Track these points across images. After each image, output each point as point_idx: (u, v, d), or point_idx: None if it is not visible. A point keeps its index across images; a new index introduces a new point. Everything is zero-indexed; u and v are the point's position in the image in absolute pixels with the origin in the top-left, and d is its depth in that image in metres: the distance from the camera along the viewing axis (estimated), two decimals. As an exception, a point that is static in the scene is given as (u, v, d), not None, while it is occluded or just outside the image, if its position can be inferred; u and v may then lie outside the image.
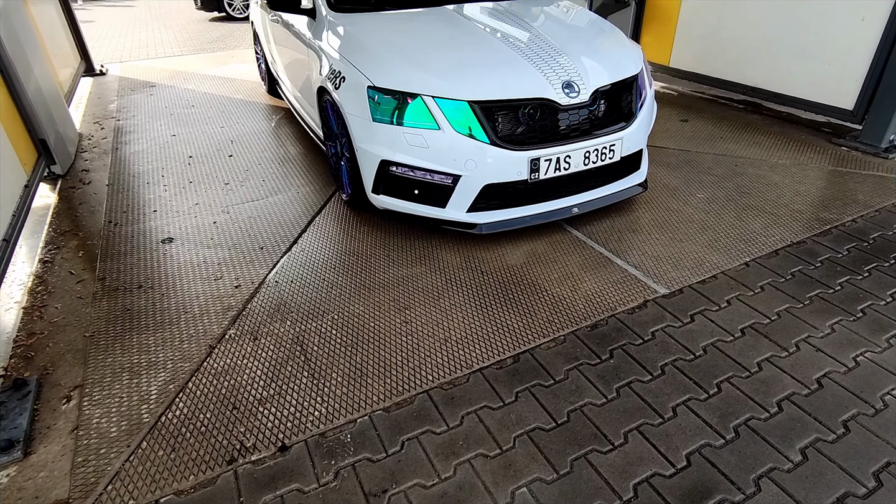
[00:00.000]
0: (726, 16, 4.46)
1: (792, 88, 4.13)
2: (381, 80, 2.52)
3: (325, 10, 3.11)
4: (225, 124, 4.54)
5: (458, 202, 2.57)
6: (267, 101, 5.15)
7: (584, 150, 2.57)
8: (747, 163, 3.54)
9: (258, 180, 3.51)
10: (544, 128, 2.51)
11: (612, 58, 2.79)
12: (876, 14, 3.52)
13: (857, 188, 3.17)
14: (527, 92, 2.45)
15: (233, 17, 10.40)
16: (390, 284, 2.45)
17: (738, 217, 2.91)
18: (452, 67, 2.55)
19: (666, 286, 2.38)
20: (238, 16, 10.42)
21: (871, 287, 2.35)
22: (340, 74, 2.71)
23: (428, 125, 2.45)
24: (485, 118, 2.43)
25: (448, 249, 2.70)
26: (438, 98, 2.43)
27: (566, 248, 2.68)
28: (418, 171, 2.54)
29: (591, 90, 2.55)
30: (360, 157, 2.68)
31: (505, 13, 3.15)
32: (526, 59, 2.58)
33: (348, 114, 2.65)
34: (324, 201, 3.21)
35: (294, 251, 2.73)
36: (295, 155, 3.89)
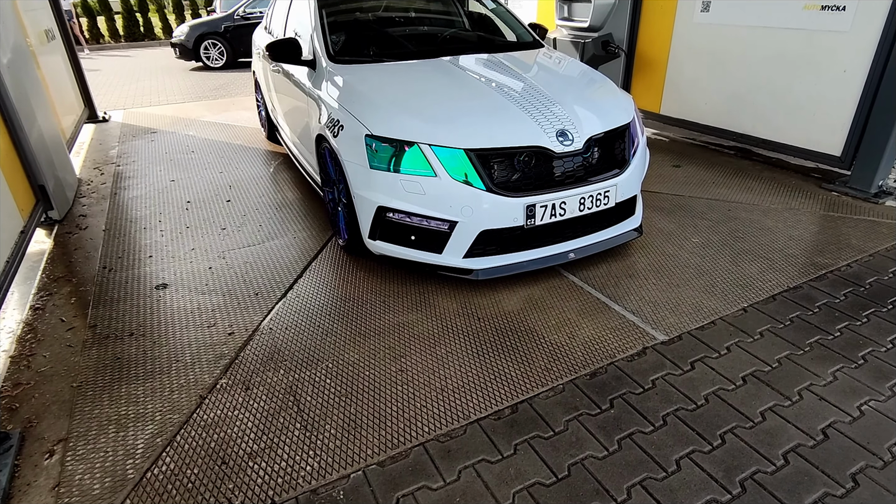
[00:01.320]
0: (711, 66, 4.62)
1: (780, 135, 4.23)
2: (379, 128, 2.57)
3: (324, 61, 3.21)
4: (224, 169, 4.59)
5: (454, 248, 2.57)
6: (266, 147, 5.23)
7: (580, 197, 2.59)
8: (740, 207, 3.58)
9: (255, 225, 3.52)
10: (539, 175, 2.54)
11: (604, 107, 2.86)
12: (857, 66, 3.65)
13: (850, 233, 3.20)
14: (522, 140, 2.50)
15: (209, 66, 10.69)
16: (386, 331, 2.42)
17: (734, 262, 2.91)
18: (449, 116, 2.61)
19: (665, 332, 2.36)
20: (214, 66, 10.71)
21: (870, 333, 2.33)
22: (339, 123, 2.76)
23: (425, 172, 2.48)
24: (481, 165, 2.46)
25: (444, 295, 2.68)
26: (435, 146, 2.47)
27: (563, 294, 2.67)
28: (415, 218, 2.55)
29: (585, 138, 2.60)
30: (357, 204, 2.70)
31: (498, 64, 3.25)
32: (520, 108, 2.64)
33: (346, 161, 2.69)
34: (320, 246, 3.22)
35: (289, 297, 2.71)
36: (293, 200, 3.92)
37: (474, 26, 4.35)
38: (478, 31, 4.21)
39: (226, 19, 10.77)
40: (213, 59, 10.68)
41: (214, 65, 10.72)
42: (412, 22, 4.14)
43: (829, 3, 3.73)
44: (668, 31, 4.98)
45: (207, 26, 10.68)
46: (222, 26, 10.63)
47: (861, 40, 3.60)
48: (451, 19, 4.39)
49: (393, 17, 4.10)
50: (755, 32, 4.23)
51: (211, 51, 10.64)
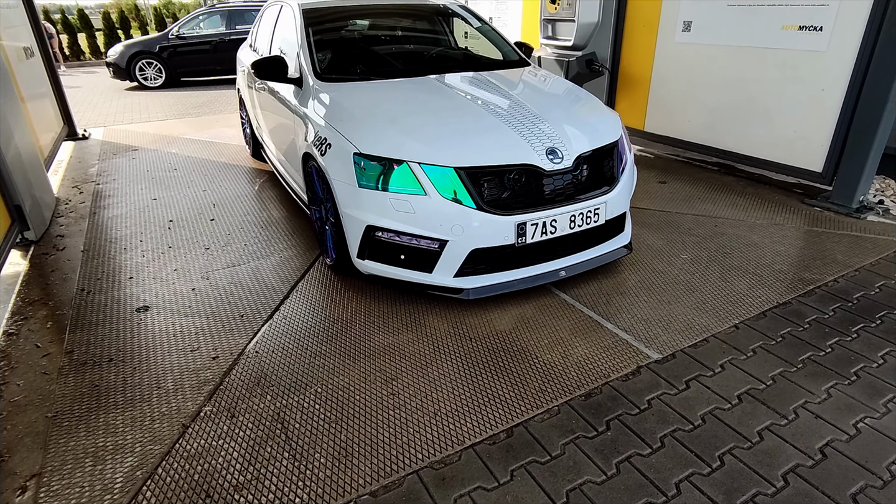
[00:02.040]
0: (694, 84, 4.70)
1: (762, 152, 4.30)
2: (367, 146, 2.54)
3: (311, 79, 3.18)
4: (207, 188, 4.51)
5: (445, 267, 2.53)
6: (251, 165, 5.17)
7: (570, 214, 2.58)
8: (726, 223, 3.61)
9: (240, 245, 3.45)
10: (530, 193, 2.53)
11: (592, 125, 2.87)
12: (835, 84, 3.74)
13: (835, 248, 3.23)
14: (512, 158, 2.49)
15: (146, 86, 10.52)
16: (376, 353, 2.37)
17: (723, 278, 2.92)
18: (438, 134, 2.59)
19: (658, 351, 2.34)
20: (151, 85, 10.55)
21: (861, 349, 2.34)
22: (326, 141, 2.73)
23: (414, 191, 2.45)
24: (471, 184, 2.44)
25: (435, 315, 2.64)
26: (425, 164, 2.45)
27: (555, 312, 2.64)
28: (404, 237, 2.52)
29: (574, 156, 2.60)
30: (345, 223, 2.66)
31: (486, 82, 3.26)
32: (510, 126, 2.63)
33: (334, 179, 2.65)
34: (307, 266, 3.15)
35: (276, 319, 2.64)
36: (278, 219, 3.86)
37: (461, 45, 4.38)
38: (464, 49, 4.23)
39: (160, 39, 10.79)
40: (150, 78, 10.57)
41: (152, 84, 10.63)
42: (398, 40, 4.15)
43: (806, 24, 3.83)
44: (650, 50, 5.07)
45: (141, 45, 10.67)
46: (157, 46, 10.61)
47: (838, 59, 3.69)
48: (437, 38, 4.41)
49: (379, 36, 4.10)
50: (736, 52, 4.32)
51: (147, 70, 10.52)
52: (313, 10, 3.65)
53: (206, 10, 11.61)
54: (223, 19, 11.20)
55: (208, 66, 10.99)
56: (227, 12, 11.27)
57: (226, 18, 11.19)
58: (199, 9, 12.22)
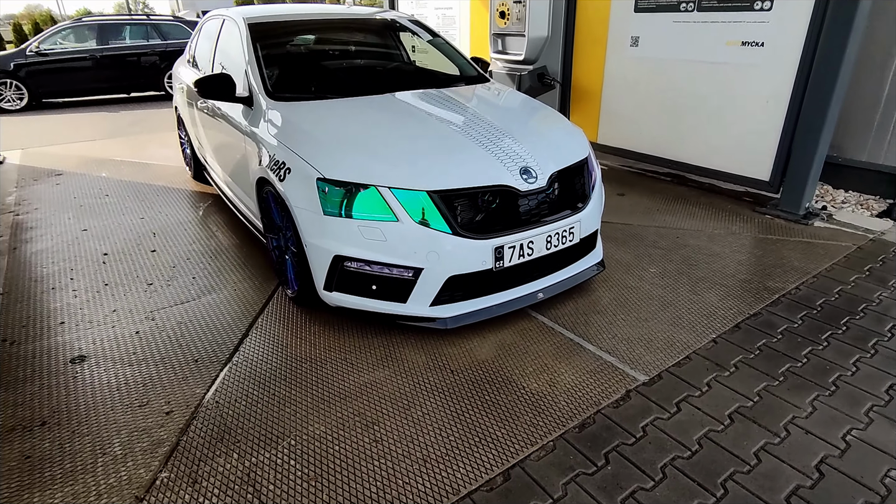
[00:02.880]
0: (644, 97, 4.81)
1: (713, 162, 4.44)
2: (332, 171, 2.37)
3: (263, 98, 2.97)
4: (146, 215, 4.16)
5: (420, 296, 2.39)
6: (193, 188, 4.83)
7: (546, 235, 2.51)
8: (687, 234, 3.67)
9: (188, 278, 3.16)
10: (505, 215, 2.43)
11: (561, 141, 2.83)
12: (778, 96, 3.90)
13: (791, 255, 3.34)
14: (486, 179, 2.39)
15: (3, 108, 9.10)
16: (352, 394, 2.18)
17: (694, 291, 2.94)
18: (407, 156, 2.45)
19: (644, 372, 2.29)
20: (9, 108, 9.13)
21: (834, 357, 2.38)
22: (285, 165, 2.53)
23: (385, 217, 2.30)
24: (445, 208, 2.32)
25: (411, 347, 2.48)
26: (395, 189, 2.30)
27: (535, 337, 2.55)
28: (375, 266, 2.36)
29: (548, 175, 2.53)
30: (309, 253, 2.46)
31: (449, 100, 3.16)
32: (481, 146, 2.54)
33: (295, 207, 2.45)
34: (266, 299, 2.92)
35: (236, 361, 2.40)
36: (228, 247, 3.58)
37: (416, 61, 4.27)
38: (419, 65, 4.12)
39: (17, 55, 9.22)
40: (7, 100, 9.12)
41: (10, 107, 9.14)
42: (351, 56, 3.99)
43: (748, 40, 3.98)
44: (600, 64, 5.16)
45: None
46: (12, 63, 9.05)
47: (780, 73, 3.85)
48: (389, 52, 4.29)
49: (330, 51, 3.93)
50: (683, 66, 4.44)
51: (5, 92, 9.06)
52: (260, 24, 3.44)
53: (69, 23, 9.95)
54: (93, 34, 9.66)
55: (81, 86, 9.59)
56: (97, 26, 9.76)
57: (96, 33, 9.66)
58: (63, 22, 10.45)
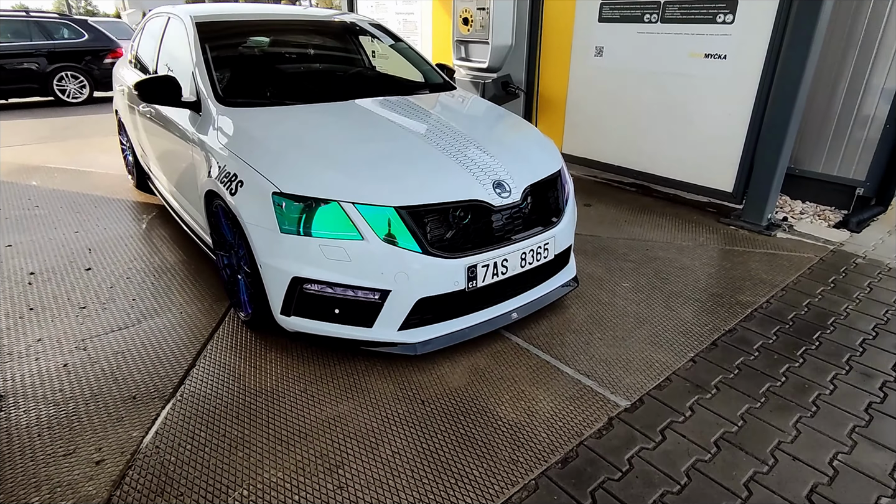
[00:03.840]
0: (608, 107, 4.79)
1: (677, 173, 4.45)
2: (289, 185, 2.16)
3: (212, 104, 2.72)
4: (80, 228, 3.79)
5: (387, 320, 2.21)
6: (135, 198, 4.46)
7: (521, 252, 2.37)
8: (656, 246, 3.63)
9: (127, 300, 2.86)
10: (478, 231, 2.28)
11: (534, 153, 2.71)
12: (740, 108, 3.93)
13: (758, 267, 3.34)
14: (458, 194, 2.23)
15: None
16: (314, 432, 1.97)
17: (668, 306, 2.87)
18: (372, 168, 2.27)
19: (625, 396, 2.18)
20: None
21: (811, 375, 2.34)
22: (237, 178, 2.30)
23: (348, 235, 2.11)
24: (414, 224, 2.15)
25: (377, 375, 2.29)
26: (360, 204, 2.12)
27: (510, 360, 2.41)
28: (338, 289, 2.16)
29: (522, 189, 2.40)
30: (265, 274, 2.24)
31: (415, 108, 2.99)
32: (451, 158, 2.38)
33: (249, 224, 2.23)
34: (216, 323, 2.66)
35: (181, 397, 2.15)
36: (174, 264, 3.29)
37: (377, 66, 4.09)
38: (381, 71, 3.94)
39: None
40: None
41: None
42: (308, 59, 3.77)
43: (711, 52, 4.01)
44: (564, 74, 5.12)
45: None
46: None
47: (742, 86, 3.89)
48: (350, 57, 4.09)
49: (286, 54, 3.70)
50: (647, 77, 4.44)
51: None
52: (209, 23, 3.18)
53: None
54: None
55: None
56: None
57: None
58: None
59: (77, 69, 9.04)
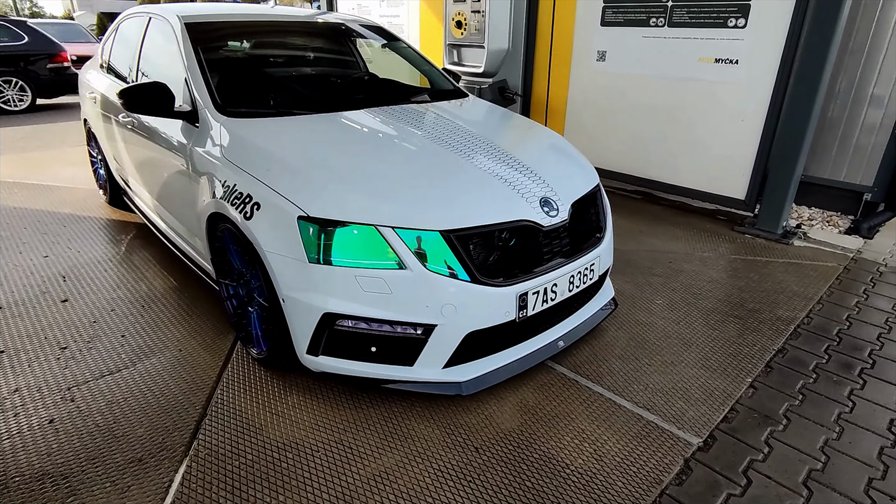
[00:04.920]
0: (612, 113, 4.65)
1: (685, 180, 4.34)
2: (318, 207, 1.89)
3: (212, 114, 2.41)
4: (50, 252, 3.39)
5: (431, 358, 1.96)
6: (109, 215, 4.06)
7: (570, 275, 2.17)
8: (678, 258, 3.49)
9: (114, 337, 2.51)
10: (526, 255, 2.06)
11: (571, 167, 2.52)
12: (754, 114, 3.84)
13: (785, 278, 3.23)
14: (505, 214, 2.01)
15: None
16: (359, 494, 1.71)
17: (708, 325, 2.72)
18: (409, 188, 2.02)
19: (694, 432, 1.99)
20: None
21: (874, 396, 2.21)
22: (251, 200, 2.01)
23: (388, 264, 1.85)
24: (462, 250, 1.91)
25: (419, 418, 2.04)
26: (401, 229, 1.86)
27: (559, 393, 2.19)
28: (376, 324, 1.90)
29: (568, 206, 2.20)
30: (288, 309, 1.96)
31: (439, 118, 2.75)
32: (491, 174, 2.16)
33: (268, 252, 1.94)
34: (222, 361, 2.36)
35: (196, 456, 1.84)
36: (164, 291, 2.94)
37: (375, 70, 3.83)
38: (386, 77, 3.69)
39: None
40: None
41: None
42: (310, 64, 3.48)
43: (722, 57, 3.91)
44: (564, 78, 4.96)
45: None
46: None
47: (755, 91, 3.80)
48: (348, 61, 3.82)
49: (286, 58, 3.40)
50: (653, 82, 4.32)
51: None
52: (200, 24, 2.86)
53: None
54: None
55: None
56: None
57: None
58: None
59: (16, 74, 8.38)
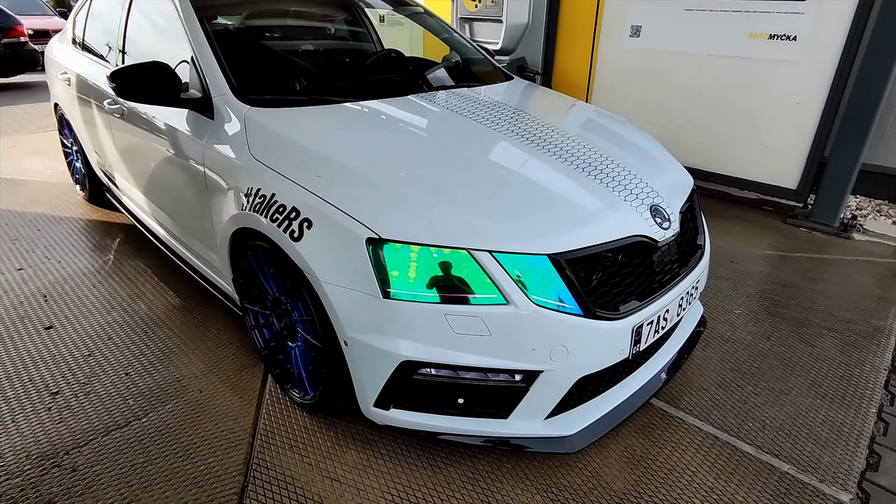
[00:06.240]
0: (646, 94, 4.28)
1: (729, 169, 4.02)
2: (393, 226, 1.47)
3: (230, 103, 1.95)
4: (25, 264, 2.88)
5: (531, 409, 1.59)
6: (89, 215, 3.54)
7: (679, 297, 1.81)
8: (740, 258, 3.17)
9: (116, 376, 2.07)
10: (639, 277, 1.69)
11: (666, 163, 2.14)
12: (812, 97, 3.52)
13: (864, 279, 2.95)
14: (618, 229, 1.62)
15: None
16: None
17: (803, 339, 2.41)
18: (501, 199, 1.61)
19: (840, 486, 1.68)
20: None
21: None
22: (298, 215, 1.58)
23: (488, 299, 1.46)
24: (574, 277, 1.52)
25: (511, 477, 1.67)
26: (500, 253, 1.47)
27: (668, 437, 1.85)
28: (467, 372, 1.51)
29: (677, 214, 1.83)
30: (352, 354, 1.55)
31: (500, 106, 2.30)
32: (590, 178, 1.77)
33: (325, 283, 1.52)
34: (254, 405, 1.94)
35: (243, 549, 1.45)
36: (168, 311, 2.49)
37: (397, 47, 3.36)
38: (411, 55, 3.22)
39: None
40: None
41: None
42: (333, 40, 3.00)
43: (777, 32, 3.56)
44: (589, 56, 4.55)
45: None
46: None
47: (815, 71, 3.47)
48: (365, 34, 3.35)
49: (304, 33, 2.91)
50: (695, 60, 3.95)
51: None
52: (203, -10, 2.35)
53: None
54: None
55: None
56: None
57: None
58: None
59: None
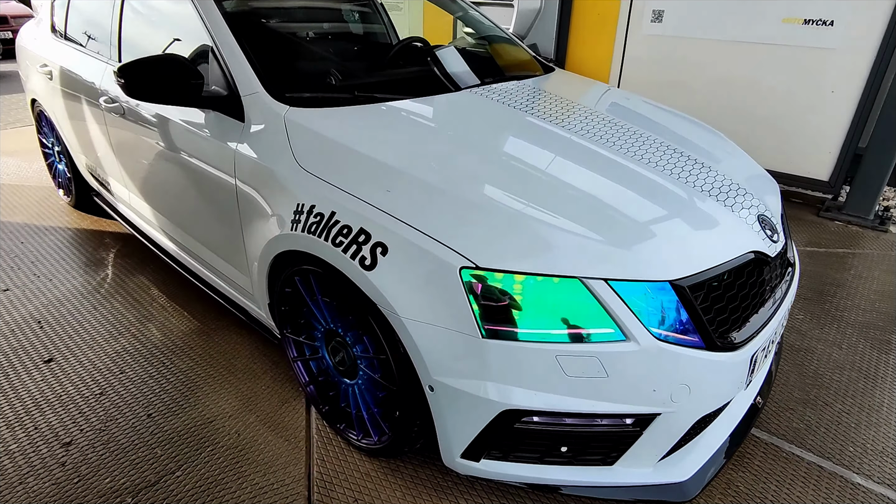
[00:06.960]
0: (667, 82, 4.09)
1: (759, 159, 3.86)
2: (493, 254, 1.24)
3: (264, 102, 1.67)
4: (12, 283, 2.56)
5: (641, 455, 1.39)
6: (77, 223, 3.19)
7: (782, 315, 1.63)
8: (784, 255, 3.04)
9: (136, 419, 1.80)
10: (755, 299, 1.50)
11: (753, 167, 1.96)
12: (849, 86, 3.38)
13: (913, 276, 2.84)
14: (733, 247, 1.42)
15: None
16: None
17: (876, 347, 2.27)
18: (607, 216, 1.39)
19: (965, 520, 1.54)
20: None
21: None
22: (368, 239, 1.34)
23: (605, 335, 1.25)
24: (697, 306, 1.32)
25: (614, 530, 1.48)
26: (617, 281, 1.25)
27: (770, 469, 1.68)
28: (574, 419, 1.31)
29: (780, 222, 1.64)
30: (439, 400, 1.33)
31: (567, 105, 2.06)
32: (697, 189, 1.56)
33: (407, 319, 1.29)
34: (304, 450, 1.70)
35: None
36: (185, 336, 2.21)
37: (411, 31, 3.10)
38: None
39: None
40: None
41: None
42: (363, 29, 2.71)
43: (813, 17, 3.40)
44: (608, 43, 4.34)
45: None
46: None
47: (853, 58, 3.33)
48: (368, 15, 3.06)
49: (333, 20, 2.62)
50: (721, 46, 3.78)
51: None
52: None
53: None
54: None
55: None
56: None
57: None
58: None
59: None
